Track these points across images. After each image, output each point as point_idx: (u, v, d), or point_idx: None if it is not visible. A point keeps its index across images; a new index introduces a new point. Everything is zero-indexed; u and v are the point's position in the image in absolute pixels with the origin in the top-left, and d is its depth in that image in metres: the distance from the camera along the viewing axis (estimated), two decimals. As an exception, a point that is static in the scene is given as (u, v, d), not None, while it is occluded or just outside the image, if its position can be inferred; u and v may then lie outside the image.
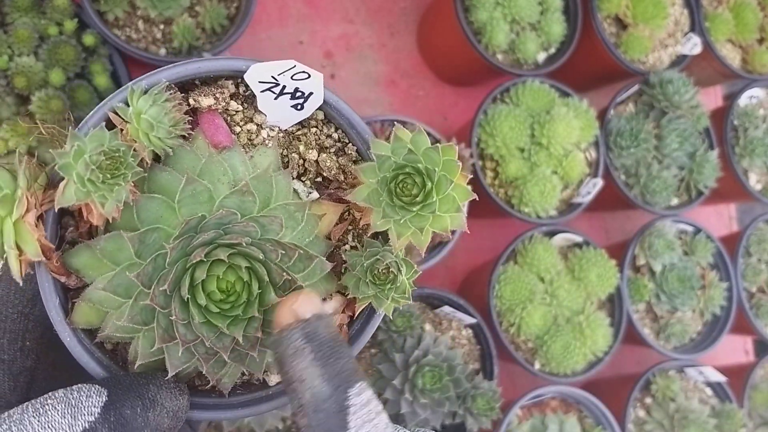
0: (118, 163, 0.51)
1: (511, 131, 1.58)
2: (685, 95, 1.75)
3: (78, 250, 0.56)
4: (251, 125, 0.64)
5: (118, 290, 0.55)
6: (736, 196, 2.02)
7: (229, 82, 0.63)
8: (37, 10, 1.29)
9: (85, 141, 0.51)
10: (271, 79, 0.60)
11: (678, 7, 1.90)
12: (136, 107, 0.55)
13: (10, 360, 0.57)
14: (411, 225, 0.57)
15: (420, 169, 0.56)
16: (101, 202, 0.51)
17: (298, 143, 0.65)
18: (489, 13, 1.64)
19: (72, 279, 0.56)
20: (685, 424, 1.62)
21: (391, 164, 0.57)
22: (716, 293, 1.78)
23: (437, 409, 1.36)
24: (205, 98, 0.61)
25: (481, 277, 1.65)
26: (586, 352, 1.60)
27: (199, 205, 0.57)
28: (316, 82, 0.61)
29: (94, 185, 0.51)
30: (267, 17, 1.76)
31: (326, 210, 0.62)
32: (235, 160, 0.60)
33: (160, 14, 1.39)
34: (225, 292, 0.55)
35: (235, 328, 0.54)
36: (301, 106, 0.63)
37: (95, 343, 0.57)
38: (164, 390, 0.53)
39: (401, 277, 0.59)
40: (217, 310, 0.54)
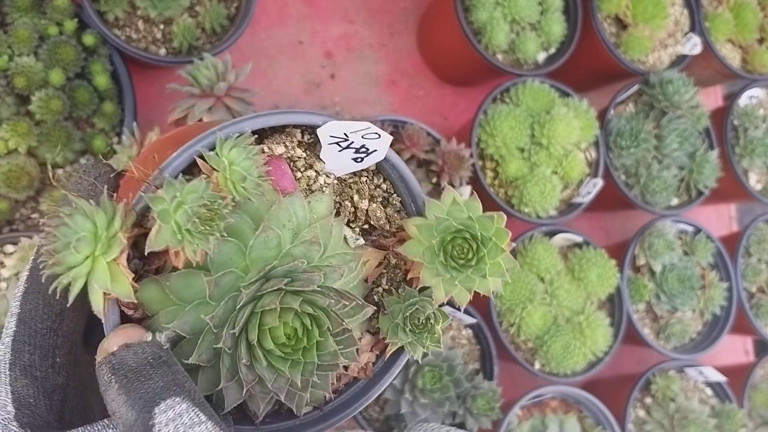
0: (213, 214, 0.53)
1: (511, 131, 1.58)
2: (685, 95, 1.75)
3: (146, 283, 0.58)
4: (311, 172, 0.66)
5: (185, 328, 0.57)
6: (736, 196, 2.02)
7: (297, 130, 0.66)
8: (37, 10, 1.29)
9: (182, 191, 0.53)
10: (343, 135, 0.63)
11: (678, 7, 1.90)
12: (228, 157, 0.57)
13: (42, 377, 0.56)
14: (460, 284, 0.62)
15: (475, 235, 0.61)
16: (193, 250, 0.54)
17: (350, 191, 0.68)
18: (489, 13, 1.64)
19: (138, 311, 0.58)
20: (685, 424, 1.62)
21: (449, 226, 0.61)
22: (716, 293, 1.78)
23: (437, 409, 1.36)
24: (278, 146, 0.64)
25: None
26: (586, 352, 1.60)
27: (268, 251, 0.60)
28: (384, 142, 0.64)
29: (190, 234, 0.53)
30: (267, 17, 1.76)
31: (369, 256, 0.66)
32: (296, 206, 0.62)
33: (160, 14, 1.39)
34: (288, 337, 0.57)
35: (294, 370, 0.57)
36: (361, 159, 0.66)
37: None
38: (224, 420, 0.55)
39: (438, 326, 0.63)
40: (280, 353, 0.57)
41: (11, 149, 1.22)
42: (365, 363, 0.66)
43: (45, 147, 1.25)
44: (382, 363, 0.66)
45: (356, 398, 0.65)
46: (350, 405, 0.64)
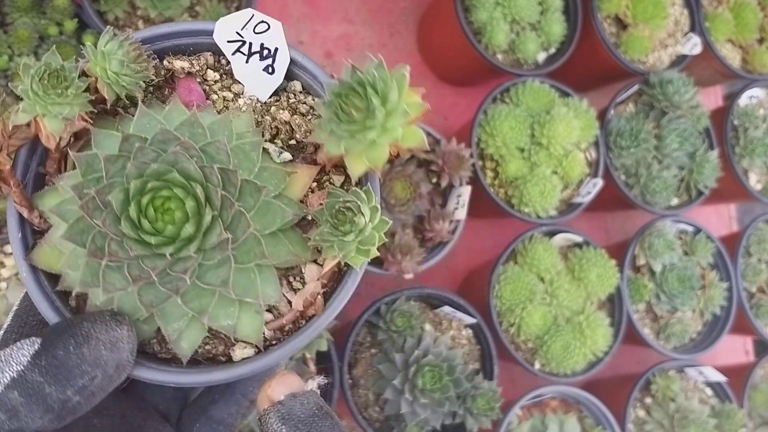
0: (61, 77, 0.53)
1: (511, 131, 1.58)
2: (685, 95, 1.75)
3: (46, 191, 0.56)
4: (228, 93, 0.64)
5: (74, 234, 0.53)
6: (736, 196, 2.02)
7: (209, 53, 0.64)
8: (37, 10, 1.29)
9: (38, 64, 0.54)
10: (237, 36, 0.61)
11: (678, 7, 1.90)
12: (102, 46, 0.56)
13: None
14: (359, 139, 0.55)
15: (363, 83, 0.55)
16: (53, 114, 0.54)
17: (273, 108, 0.64)
18: (489, 13, 1.64)
19: (35, 214, 0.57)
20: (685, 424, 1.62)
21: (344, 84, 0.56)
22: (716, 293, 1.78)
23: (437, 409, 1.36)
24: (179, 61, 0.62)
25: (481, 277, 1.65)
26: (586, 352, 1.60)
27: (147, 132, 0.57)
28: (277, 31, 0.61)
29: (38, 97, 0.54)
30: (267, 17, 1.75)
31: (298, 171, 0.60)
32: (205, 119, 0.58)
33: (160, 14, 1.39)
34: (160, 210, 0.53)
35: (166, 248, 0.52)
36: (272, 69, 0.63)
37: (57, 291, 0.56)
38: (98, 323, 0.50)
39: (362, 218, 0.54)
40: (150, 228, 0.52)
41: (11, 149, 1.22)
42: (311, 294, 0.58)
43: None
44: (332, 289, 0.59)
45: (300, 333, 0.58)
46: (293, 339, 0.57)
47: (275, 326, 0.58)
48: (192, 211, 0.53)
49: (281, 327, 0.59)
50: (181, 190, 0.53)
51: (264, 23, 0.61)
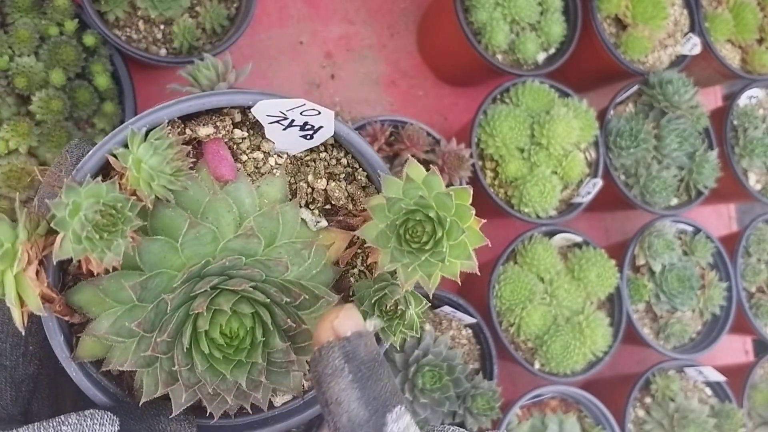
0: (115, 219, 0.49)
1: (510, 131, 1.58)
2: (685, 95, 1.75)
3: (80, 287, 0.55)
4: (258, 153, 0.61)
5: (122, 332, 0.54)
6: (736, 196, 2.02)
7: (235, 110, 0.62)
8: (37, 10, 1.29)
9: (81, 195, 0.49)
10: (280, 114, 0.58)
11: (678, 7, 1.90)
12: (136, 156, 0.52)
13: (12, 366, 0.56)
14: (419, 270, 0.55)
15: (431, 216, 0.54)
16: (99, 257, 0.50)
17: (307, 170, 0.63)
18: (489, 14, 1.65)
19: (76, 317, 0.55)
20: (685, 423, 1.62)
21: (401, 208, 0.54)
22: (716, 293, 1.79)
23: (437, 408, 1.36)
24: (204, 128, 0.59)
25: (481, 277, 1.65)
26: (586, 352, 1.60)
27: (203, 247, 0.56)
28: (327, 118, 0.59)
29: (90, 242, 0.49)
30: (267, 17, 1.76)
31: (335, 238, 0.61)
32: (240, 193, 0.58)
33: (160, 15, 1.40)
34: (228, 337, 0.54)
35: (238, 372, 0.54)
36: (310, 137, 0.61)
37: (101, 371, 0.57)
38: (174, 422, 0.53)
39: (410, 312, 0.58)
40: (220, 356, 0.53)
41: (12, 149, 1.22)
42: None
43: (45, 147, 1.25)
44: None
45: None
46: None
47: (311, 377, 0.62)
48: (261, 338, 0.54)
49: None
50: (250, 319, 0.54)
51: (315, 110, 0.58)
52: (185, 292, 0.52)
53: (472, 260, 0.56)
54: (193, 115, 0.60)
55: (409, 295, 0.58)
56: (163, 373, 0.53)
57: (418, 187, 0.55)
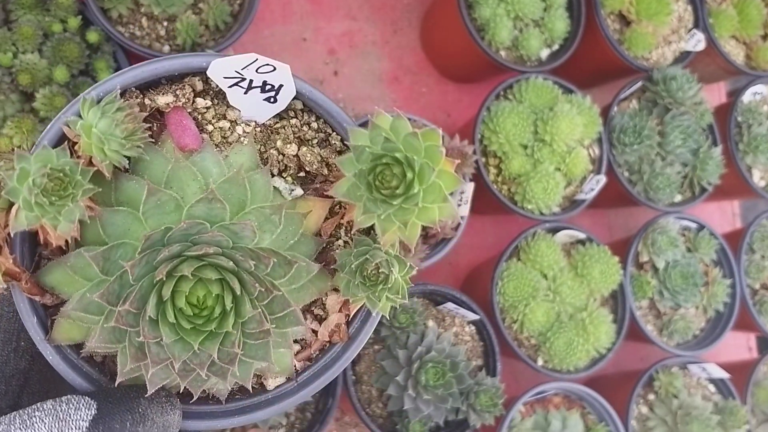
0: (65, 183, 0.49)
1: (514, 128, 1.58)
2: (689, 92, 1.75)
3: (50, 267, 0.54)
4: (224, 122, 0.60)
5: (91, 308, 0.52)
6: (740, 193, 2.01)
7: (195, 78, 0.60)
8: (41, 7, 1.29)
9: (30, 161, 0.49)
10: (236, 74, 0.57)
11: (681, 3, 1.90)
12: (86, 121, 0.52)
13: (2, 361, 0.55)
14: (395, 219, 0.53)
15: (399, 159, 0.51)
16: (53, 224, 0.49)
17: (276, 137, 0.61)
18: (492, 10, 1.64)
19: (47, 297, 0.54)
20: (688, 420, 1.62)
21: (369, 155, 0.52)
22: (719, 290, 1.78)
23: (440, 405, 1.36)
24: (163, 96, 0.58)
25: (484, 274, 1.65)
26: (589, 349, 1.60)
27: (166, 216, 0.54)
28: (284, 73, 0.57)
29: (41, 208, 0.48)
30: (270, 14, 1.76)
31: (312, 206, 0.59)
32: (207, 162, 0.56)
33: (163, 11, 1.40)
34: (196, 307, 0.51)
35: (210, 343, 0.51)
36: (274, 99, 0.59)
37: (82, 357, 0.55)
38: (155, 404, 0.51)
39: (394, 276, 0.55)
40: (189, 326, 0.51)
41: (16, 146, 1.23)
42: (336, 324, 0.59)
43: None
44: (358, 323, 0.60)
45: (331, 363, 0.59)
46: (325, 371, 0.59)
47: (304, 356, 0.60)
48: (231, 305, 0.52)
49: (309, 357, 0.60)
50: (217, 286, 0.52)
51: (269, 66, 0.56)
52: (148, 260, 0.51)
53: (449, 202, 0.53)
54: (152, 85, 0.59)
55: (392, 258, 0.55)
56: (132, 348, 0.51)
57: (385, 132, 0.52)
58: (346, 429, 1.65)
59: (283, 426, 1.39)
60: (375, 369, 1.45)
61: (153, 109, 0.58)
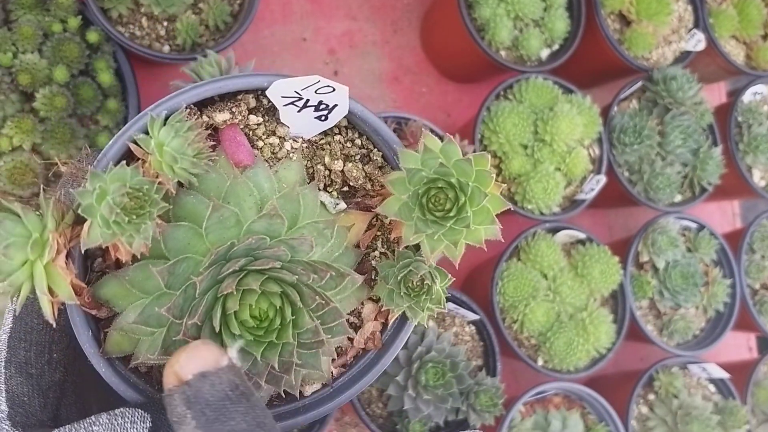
0: (142, 202, 0.50)
1: (514, 128, 1.58)
2: (689, 92, 1.75)
3: (106, 280, 0.55)
4: (274, 138, 0.62)
5: (150, 321, 0.54)
6: (740, 193, 2.01)
7: (249, 95, 0.62)
8: (41, 7, 1.29)
9: (106, 181, 0.50)
10: (295, 94, 0.59)
11: (682, 3, 1.90)
12: (158, 139, 0.53)
13: (38, 374, 0.56)
14: (444, 239, 0.55)
15: (452, 183, 0.54)
16: (128, 242, 0.50)
17: (323, 153, 0.63)
18: (492, 10, 1.64)
19: (102, 311, 0.55)
20: (688, 420, 1.62)
21: (422, 178, 0.55)
22: (719, 290, 1.78)
23: (440, 405, 1.36)
24: (220, 114, 0.60)
25: (484, 274, 1.65)
26: (589, 349, 1.60)
27: (227, 230, 0.56)
28: (342, 94, 0.60)
29: (119, 226, 0.49)
30: (270, 14, 1.76)
31: (354, 220, 0.61)
32: (259, 177, 0.58)
33: (163, 11, 1.40)
34: (258, 319, 0.53)
35: (270, 353, 0.53)
36: (325, 117, 0.61)
37: (130, 368, 0.56)
38: None
39: (436, 287, 0.58)
40: (251, 337, 0.53)
41: (16, 146, 1.23)
42: (371, 333, 0.62)
43: (49, 144, 1.25)
44: (391, 330, 0.62)
45: (366, 370, 0.61)
46: (360, 378, 0.61)
47: (339, 363, 0.62)
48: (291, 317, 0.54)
49: (345, 363, 0.62)
50: (278, 299, 0.54)
51: (329, 87, 0.59)
52: (212, 275, 0.52)
53: (496, 224, 0.56)
54: (209, 103, 0.61)
55: (434, 270, 0.58)
56: None
57: (437, 157, 0.55)
58: (346, 429, 1.65)
59: (283, 426, 1.39)
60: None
61: (210, 126, 0.60)
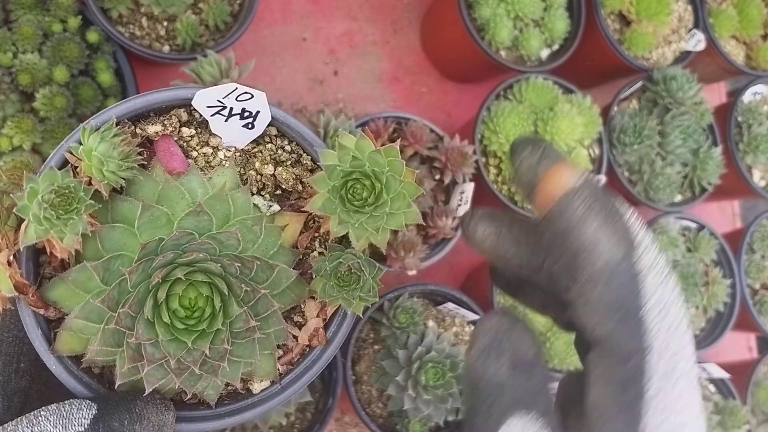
0: (70, 199, 0.55)
1: (514, 128, 1.58)
2: (689, 92, 1.75)
3: (53, 283, 0.59)
4: (207, 148, 0.67)
5: (91, 317, 0.58)
6: (740, 193, 2.01)
7: (182, 110, 0.67)
8: (41, 7, 1.29)
9: (38, 182, 0.56)
10: (217, 102, 0.64)
11: (682, 3, 1.90)
12: (87, 145, 0.59)
13: (4, 381, 0.60)
14: (367, 226, 0.60)
15: (367, 173, 0.60)
16: (60, 236, 0.55)
17: (254, 160, 0.68)
18: (492, 10, 1.64)
19: (51, 311, 0.60)
20: (688, 420, 1.62)
21: (339, 172, 0.60)
22: (719, 290, 1.78)
23: (440, 405, 1.36)
24: (152, 126, 0.65)
25: (485, 274, 1.65)
26: (589, 349, 1.60)
27: (159, 229, 0.61)
28: (261, 101, 0.64)
29: (49, 222, 0.55)
30: (270, 14, 1.76)
31: (288, 221, 0.65)
32: (193, 183, 0.63)
33: (163, 11, 1.40)
34: (188, 308, 0.57)
35: (202, 341, 0.57)
36: (251, 125, 0.66)
37: (82, 368, 0.60)
38: (150, 405, 0.56)
39: (365, 276, 0.62)
40: (182, 326, 0.57)
41: (15, 146, 1.23)
42: (315, 329, 0.66)
43: (49, 144, 1.25)
44: (334, 327, 0.66)
45: (311, 366, 0.65)
46: (306, 373, 0.65)
47: (286, 361, 0.66)
48: (219, 305, 0.58)
49: (291, 361, 0.66)
50: (207, 288, 0.58)
51: (247, 93, 0.63)
52: (144, 268, 0.57)
53: (413, 209, 0.61)
54: (142, 117, 0.66)
55: (363, 262, 0.62)
56: (129, 350, 0.56)
57: (351, 152, 0.61)
58: (346, 429, 1.65)
59: (283, 426, 1.39)
60: (375, 369, 1.45)
61: (144, 138, 0.65)
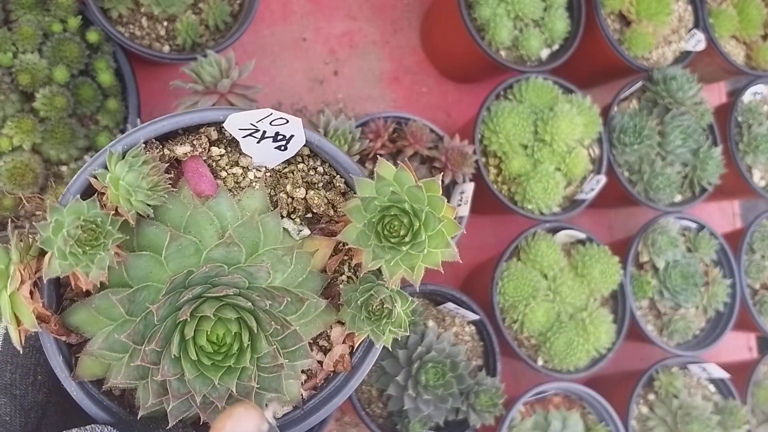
0: (97, 234, 0.53)
1: (514, 128, 1.58)
2: (689, 92, 1.74)
3: (75, 308, 0.58)
4: (237, 168, 0.64)
5: (115, 347, 0.56)
6: (740, 193, 2.01)
7: (211, 128, 0.64)
8: (41, 7, 1.29)
9: (64, 214, 0.53)
10: (251, 126, 0.61)
11: (682, 3, 1.90)
12: (114, 174, 0.56)
13: (21, 395, 0.58)
14: (402, 264, 0.57)
15: (406, 209, 0.56)
16: (85, 272, 0.53)
17: (286, 181, 0.65)
18: (492, 10, 1.64)
19: (72, 337, 0.58)
20: (688, 420, 1.62)
21: (376, 206, 0.57)
22: (719, 290, 1.78)
23: (440, 405, 1.36)
24: (181, 147, 0.62)
25: (484, 274, 1.65)
26: (589, 349, 1.60)
27: (187, 259, 0.58)
28: (296, 126, 0.61)
29: (75, 257, 0.52)
30: (270, 14, 1.76)
31: (318, 245, 0.63)
32: (222, 207, 0.61)
33: (163, 11, 1.40)
34: (216, 344, 0.55)
35: (228, 378, 0.55)
36: (284, 147, 0.63)
37: (103, 391, 0.59)
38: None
39: (396, 310, 0.60)
40: (209, 362, 0.55)
41: (16, 146, 1.23)
42: (340, 355, 0.64)
43: (49, 144, 1.25)
44: (360, 353, 0.65)
45: (336, 392, 0.64)
46: (330, 399, 0.63)
47: (310, 386, 0.64)
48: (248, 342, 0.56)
49: (315, 386, 0.64)
50: (235, 324, 0.56)
51: (282, 119, 0.60)
52: (171, 302, 0.54)
53: (451, 248, 0.57)
54: (170, 136, 0.63)
55: (395, 294, 0.60)
56: (154, 384, 0.54)
57: (390, 184, 0.57)
58: (346, 429, 1.65)
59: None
60: (375, 369, 1.45)
61: (172, 158, 0.62)
